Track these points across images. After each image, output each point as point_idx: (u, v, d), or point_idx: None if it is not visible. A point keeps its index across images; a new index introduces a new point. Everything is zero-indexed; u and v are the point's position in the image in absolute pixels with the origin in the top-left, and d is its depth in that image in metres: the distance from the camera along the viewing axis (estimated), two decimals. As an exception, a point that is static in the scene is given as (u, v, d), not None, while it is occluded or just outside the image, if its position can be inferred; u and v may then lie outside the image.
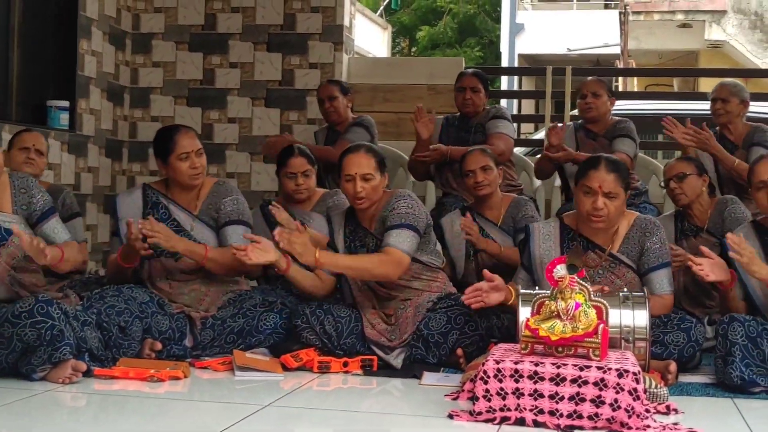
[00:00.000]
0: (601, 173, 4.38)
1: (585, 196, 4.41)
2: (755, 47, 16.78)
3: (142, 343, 4.48)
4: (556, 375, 3.44)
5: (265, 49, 8.18)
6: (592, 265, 4.49)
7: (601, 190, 4.36)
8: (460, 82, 6.61)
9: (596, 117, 6.42)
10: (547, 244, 4.60)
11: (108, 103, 8.01)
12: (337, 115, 6.77)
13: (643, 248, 4.50)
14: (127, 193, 5.11)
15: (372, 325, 4.64)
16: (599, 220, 4.40)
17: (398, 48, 26.61)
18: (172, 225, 4.85)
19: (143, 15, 8.37)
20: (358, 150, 4.72)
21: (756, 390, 4.11)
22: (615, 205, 4.39)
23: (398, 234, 4.56)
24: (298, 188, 5.53)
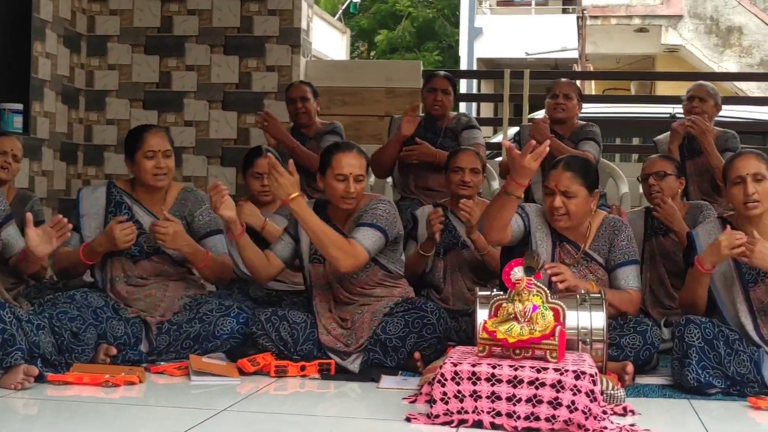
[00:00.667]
0: (558, 171, 4.48)
1: (546, 196, 4.52)
2: (711, 51, 16.94)
3: (97, 349, 4.43)
4: (514, 377, 3.43)
5: (222, 51, 8.15)
6: (567, 257, 4.59)
7: (558, 189, 4.44)
8: (432, 83, 6.59)
9: (564, 118, 6.46)
10: (536, 222, 4.63)
11: (63, 105, 7.93)
12: (307, 117, 6.73)
13: (611, 245, 4.59)
14: (90, 190, 5.03)
15: (328, 331, 4.61)
16: (559, 218, 4.48)
17: (357, 52, 26.60)
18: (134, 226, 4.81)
19: (98, 17, 8.31)
20: (350, 149, 4.69)
21: (712, 391, 4.13)
22: (575, 204, 4.46)
23: (366, 231, 4.55)
24: (264, 189, 5.50)
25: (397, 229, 4.71)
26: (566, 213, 4.48)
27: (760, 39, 16.89)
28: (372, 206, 4.65)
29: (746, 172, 4.32)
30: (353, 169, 4.60)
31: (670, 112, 9.16)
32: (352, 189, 4.59)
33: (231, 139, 8.10)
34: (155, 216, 4.86)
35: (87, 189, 5.05)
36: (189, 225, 4.90)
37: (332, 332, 4.61)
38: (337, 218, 4.77)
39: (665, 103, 10.00)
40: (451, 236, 5.48)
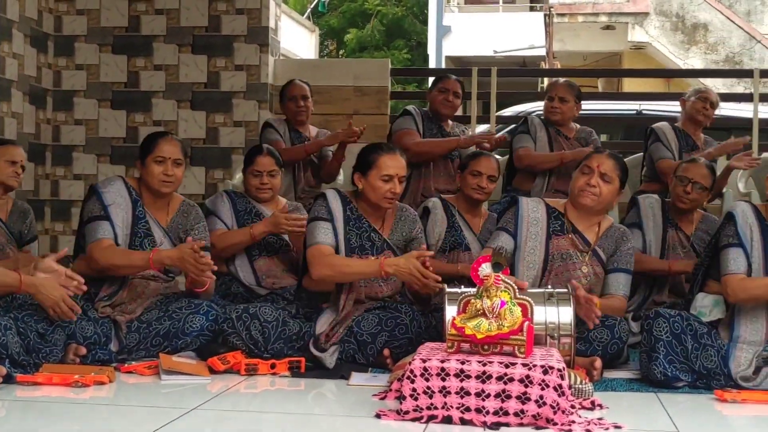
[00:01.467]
0: (603, 156, 4.73)
1: (581, 175, 4.71)
2: (677, 48, 17.03)
3: (66, 349, 4.41)
4: (482, 373, 3.46)
5: (190, 51, 8.14)
6: (572, 247, 4.73)
7: (599, 170, 4.65)
8: (445, 83, 6.62)
9: (560, 121, 6.54)
10: (534, 215, 4.77)
11: (30, 106, 7.89)
12: (306, 116, 6.78)
13: (617, 248, 4.74)
14: (108, 182, 4.97)
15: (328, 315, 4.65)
16: (589, 195, 4.66)
17: (326, 51, 26.57)
18: (144, 227, 4.86)
19: (65, 17, 8.27)
20: (394, 151, 4.78)
21: (679, 385, 4.18)
22: (608, 189, 4.68)
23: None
24: (262, 187, 5.60)
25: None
26: (598, 194, 4.65)
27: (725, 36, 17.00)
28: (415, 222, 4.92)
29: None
30: (398, 171, 4.69)
31: (637, 109, 9.24)
32: (397, 189, 4.69)
33: (200, 138, 8.08)
34: (158, 222, 4.91)
35: (103, 182, 4.99)
36: (187, 235, 4.92)
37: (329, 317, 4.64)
38: (372, 215, 4.82)
39: (632, 99, 10.08)
40: (456, 236, 5.50)
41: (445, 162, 6.47)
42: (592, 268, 4.70)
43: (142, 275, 4.84)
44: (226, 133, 8.01)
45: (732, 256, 4.30)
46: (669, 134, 6.59)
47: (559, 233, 4.74)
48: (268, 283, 5.50)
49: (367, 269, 4.55)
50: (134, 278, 4.83)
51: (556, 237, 4.73)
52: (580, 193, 4.69)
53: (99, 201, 4.83)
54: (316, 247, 4.62)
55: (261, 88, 8.05)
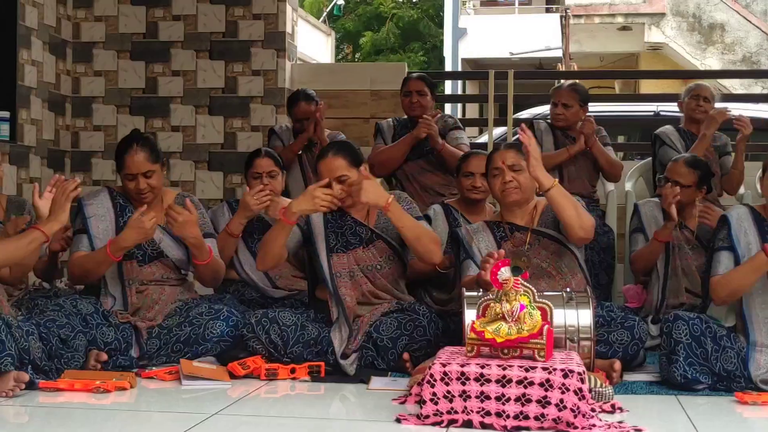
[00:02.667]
0: (501, 152, 4.71)
1: (494, 178, 4.70)
2: (694, 49, 17.00)
3: (88, 355, 4.44)
4: (502, 377, 3.46)
5: (208, 56, 8.16)
6: (518, 244, 4.68)
7: (505, 165, 4.63)
8: (406, 86, 6.60)
9: (565, 126, 6.53)
10: (479, 235, 4.75)
11: (49, 113, 7.93)
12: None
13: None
14: (92, 194, 5.03)
15: (340, 331, 4.64)
16: (512, 191, 4.65)
17: (342, 54, 26.61)
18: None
19: (84, 24, 8.30)
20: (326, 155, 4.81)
21: (699, 387, 4.17)
22: (523, 177, 4.63)
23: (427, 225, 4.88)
24: (263, 188, 5.51)
25: None
26: (518, 186, 4.64)
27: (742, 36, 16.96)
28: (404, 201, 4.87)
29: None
30: (330, 174, 4.70)
31: (654, 110, 9.22)
32: (336, 192, 4.64)
33: (218, 143, 8.10)
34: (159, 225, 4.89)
35: (87, 194, 5.05)
36: None
37: (343, 333, 4.63)
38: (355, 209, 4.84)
39: (649, 101, 10.06)
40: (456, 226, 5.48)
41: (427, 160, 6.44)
42: (545, 249, 4.67)
43: (155, 280, 4.86)
44: (244, 138, 8.02)
45: (720, 259, 4.36)
46: (673, 136, 6.55)
47: (505, 239, 4.71)
48: (283, 283, 5.50)
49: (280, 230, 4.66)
50: (143, 284, 4.86)
51: (504, 242, 4.71)
52: (503, 194, 4.67)
53: (81, 214, 4.92)
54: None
55: (278, 93, 8.06)
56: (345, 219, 4.83)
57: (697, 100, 6.59)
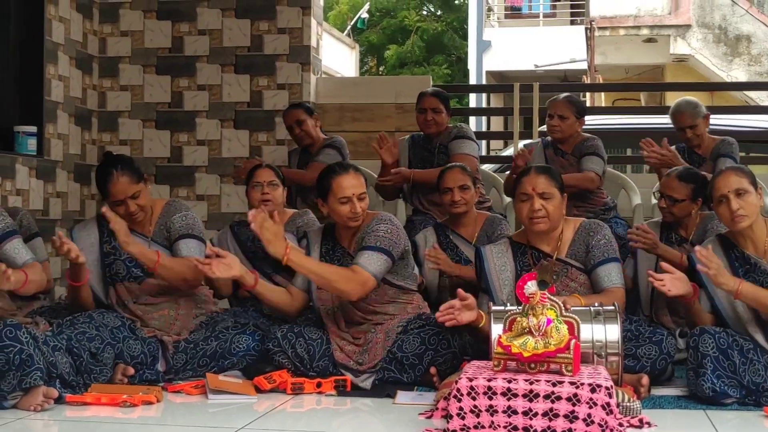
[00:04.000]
0: (532, 177, 4.60)
1: (523, 203, 4.59)
2: (720, 60, 16.93)
3: (114, 369, 4.45)
4: (529, 391, 3.45)
5: (233, 70, 8.18)
6: (552, 271, 4.61)
7: (535, 192, 4.54)
8: (421, 103, 6.59)
9: (562, 138, 6.46)
10: (501, 260, 4.69)
11: (76, 127, 7.97)
12: (309, 137, 6.80)
13: (588, 245, 4.64)
14: (81, 226, 5.08)
15: (340, 348, 4.63)
16: (539, 220, 4.55)
17: (366, 67, 26.66)
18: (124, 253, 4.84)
19: (110, 39, 8.35)
20: (347, 171, 4.71)
21: (728, 401, 4.14)
22: (553, 205, 4.55)
23: (370, 256, 4.56)
24: (264, 197, 5.48)
25: (401, 246, 4.71)
26: (546, 215, 4.55)
27: (769, 47, 16.89)
28: (373, 228, 4.66)
29: (727, 190, 4.38)
30: (354, 190, 4.63)
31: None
32: (358, 209, 4.63)
33: (243, 157, 8.10)
34: (143, 234, 4.90)
35: (78, 226, 5.10)
36: (168, 232, 4.93)
37: (344, 349, 4.63)
38: (344, 238, 4.82)
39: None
40: (453, 254, 5.51)
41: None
42: (574, 281, 4.62)
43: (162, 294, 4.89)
44: (269, 152, 8.04)
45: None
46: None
47: (528, 268, 4.65)
48: None
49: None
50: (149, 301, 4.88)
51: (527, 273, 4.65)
52: (530, 222, 4.58)
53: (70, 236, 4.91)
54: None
55: (303, 107, 8.09)
56: (336, 249, 4.82)
57: (683, 132, 6.39)
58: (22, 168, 7.09)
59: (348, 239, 4.79)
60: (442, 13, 26.93)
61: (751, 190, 4.38)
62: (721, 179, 4.47)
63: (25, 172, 7.16)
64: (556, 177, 4.64)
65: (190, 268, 4.70)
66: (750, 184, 4.40)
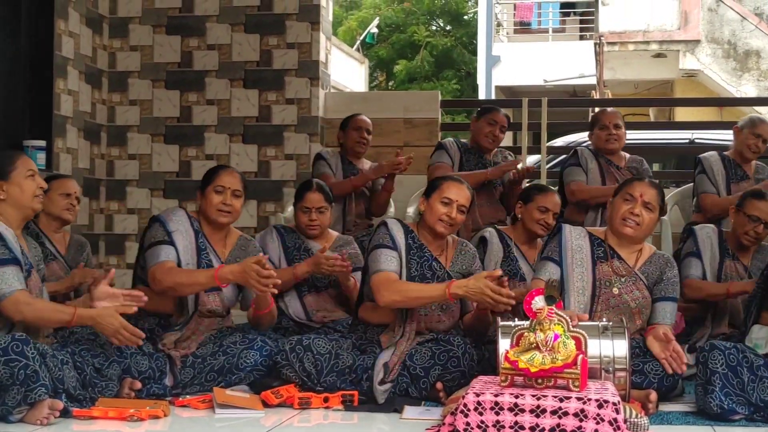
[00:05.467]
0: (644, 184, 4.72)
1: (624, 203, 4.68)
2: (729, 76, 16.92)
3: (122, 383, 4.45)
4: (537, 407, 3.44)
5: (242, 85, 8.21)
6: (616, 272, 4.70)
7: (642, 199, 4.64)
8: (494, 115, 6.63)
9: (618, 149, 6.53)
10: (578, 242, 4.77)
11: (85, 141, 8.00)
12: (363, 149, 6.84)
13: (662, 276, 4.70)
14: (170, 212, 5.02)
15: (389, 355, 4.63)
16: (632, 225, 4.65)
17: (376, 82, 26.68)
18: (206, 258, 4.92)
19: (119, 53, 8.39)
20: (462, 182, 4.87)
21: (735, 418, 4.12)
22: (650, 217, 4.67)
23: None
24: (311, 223, 5.60)
25: None
26: (641, 223, 4.64)
27: (778, 62, 16.89)
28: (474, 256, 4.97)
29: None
30: (459, 197, 4.78)
31: (690, 138, 9.17)
32: (454, 214, 4.74)
33: (252, 172, 8.13)
34: (218, 255, 4.96)
35: (166, 211, 5.06)
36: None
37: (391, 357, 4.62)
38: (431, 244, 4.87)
39: (685, 128, 10.01)
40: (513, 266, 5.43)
41: (488, 192, 6.44)
42: (639, 291, 4.66)
43: (208, 311, 4.88)
44: (278, 167, 8.06)
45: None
46: (716, 165, 6.46)
47: (602, 260, 4.72)
48: (319, 317, 5.52)
49: (434, 293, 4.56)
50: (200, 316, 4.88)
51: (600, 263, 4.71)
52: (623, 222, 4.66)
53: (162, 227, 4.89)
54: (381, 274, 4.64)
55: (312, 122, 8.10)
56: (424, 251, 4.85)
57: (756, 139, 6.44)
58: (31, 182, 7.09)
59: (439, 249, 4.89)
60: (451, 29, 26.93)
61: None
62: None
63: (34, 187, 7.17)
64: (662, 197, 4.77)
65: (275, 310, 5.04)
66: None
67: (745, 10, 17.04)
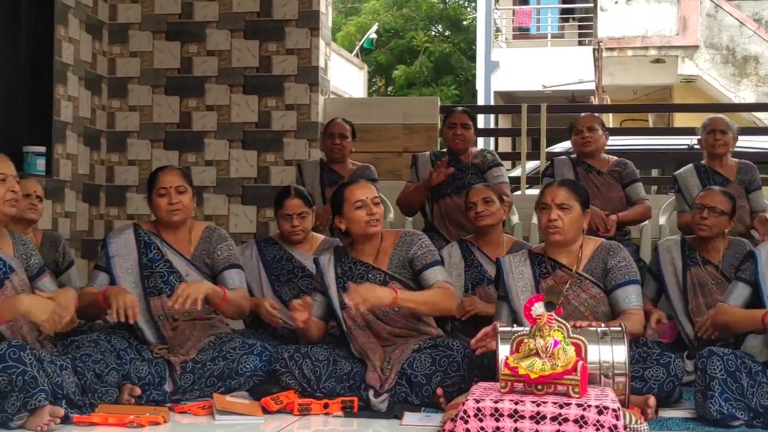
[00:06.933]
0: (554, 188, 4.69)
1: (542, 213, 4.68)
2: (728, 81, 16.91)
3: (121, 389, 4.45)
4: (537, 413, 3.44)
5: (241, 91, 8.22)
6: (560, 282, 4.67)
7: (554, 203, 4.62)
8: (451, 118, 6.64)
9: (593, 151, 6.52)
10: (519, 269, 4.75)
11: (85, 147, 8.00)
12: (341, 154, 6.84)
13: (606, 267, 4.66)
14: (117, 232, 5.08)
15: (374, 368, 4.62)
16: (555, 231, 4.63)
17: (375, 87, 26.68)
18: (165, 266, 4.89)
19: (119, 59, 8.39)
20: (357, 180, 4.95)
21: (735, 423, 4.13)
22: (569, 218, 4.63)
23: (440, 270, 4.81)
24: (293, 229, 5.56)
25: None
26: (562, 226, 4.62)
27: (777, 68, 16.88)
28: (416, 243, 4.82)
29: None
30: (368, 194, 4.77)
31: (689, 144, 9.18)
32: (374, 210, 4.73)
33: (251, 177, 8.15)
34: (182, 255, 4.93)
35: (114, 232, 5.12)
36: (210, 259, 4.97)
37: (377, 370, 4.61)
38: (366, 253, 4.85)
39: (683, 134, 10.01)
40: (477, 272, 5.52)
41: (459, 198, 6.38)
42: (586, 293, 4.65)
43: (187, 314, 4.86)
44: (277, 172, 8.06)
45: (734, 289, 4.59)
46: (690, 180, 6.50)
47: (544, 276, 4.72)
48: None
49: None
50: (175, 320, 4.86)
51: (543, 280, 4.71)
52: (547, 231, 4.68)
53: (105, 251, 4.96)
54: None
55: (311, 127, 8.11)
56: (355, 267, 4.85)
57: (713, 134, 6.52)
58: (30, 188, 7.10)
59: (372, 254, 4.84)
60: (450, 34, 26.94)
61: None
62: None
63: (34, 192, 7.17)
64: (577, 191, 4.73)
65: (245, 299, 4.95)
66: None
67: (744, 16, 17.03)
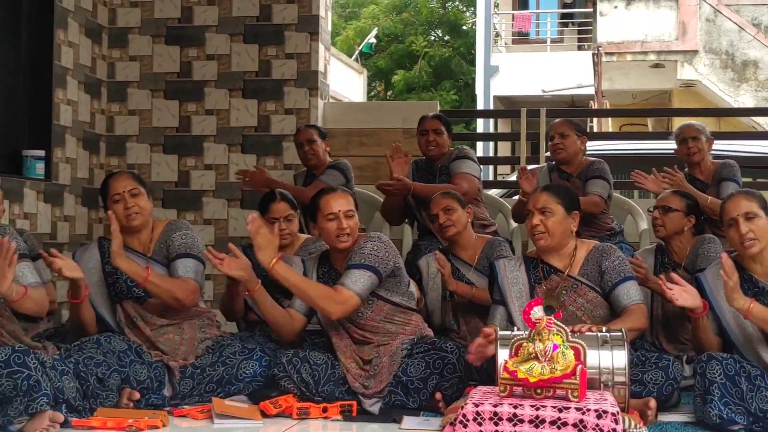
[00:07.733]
0: (536, 194, 4.71)
1: (528, 220, 4.68)
2: (727, 86, 16.93)
3: (120, 393, 4.45)
4: (536, 417, 3.44)
5: (241, 95, 8.21)
6: (554, 287, 4.65)
7: (535, 208, 4.61)
8: (422, 125, 6.62)
9: (566, 158, 6.45)
10: (514, 274, 4.74)
11: (84, 151, 8.00)
12: (315, 158, 6.81)
13: (601, 269, 4.66)
14: (83, 249, 5.13)
15: (347, 370, 4.63)
16: (539, 236, 4.63)
17: (374, 92, 26.70)
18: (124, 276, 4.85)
19: (118, 63, 8.39)
20: (334, 190, 4.83)
21: (735, 428, 4.13)
22: (552, 221, 4.61)
23: (353, 274, 4.60)
24: (280, 233, 5.50)
25: (391, 264, 4.73)
26: (545, 231, 4.61)
27: (776, 72, 16.89)
28: (360, 246, 4.70)
29: (737, 213, 4.44)
30: (341, 206, 4.71)
31: (688, 148, 9.15)
32: (344, 225, 4.67)
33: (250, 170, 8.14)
34: (142, 253, 4.92)
35: (80, 249, 5.17)
36: (167, 251, 4.94)
37: (351, 372, 4.62)
38: (338, 261, 4.84)
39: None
40: (455, 277, 5.51)
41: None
42: (582, 297, 4.64)
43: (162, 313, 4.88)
44: (277, 176, 8.03)
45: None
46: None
47: (539, 282, 4.71)
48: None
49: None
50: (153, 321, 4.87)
51: (537, 287, 4.70)
52: (532, 237, 4.68)
53: None
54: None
55: (311, 132, 8.11)
56: (332, 274, 4.85)
57: (686, 143, 6.52)
58: (30, 192, 7.11)
59: (341, 262, 4.81)
60: (449, 39, 26.97)
61: (761, 214, 4.41)
62: (730, 203, 4.51)
63: (33, 196, 7.19)
64: (559, 194, 4.70)
65: (182, 287, 4.78)
66: (760, 208, 4.42)
67: (743, 21, 17.06)
